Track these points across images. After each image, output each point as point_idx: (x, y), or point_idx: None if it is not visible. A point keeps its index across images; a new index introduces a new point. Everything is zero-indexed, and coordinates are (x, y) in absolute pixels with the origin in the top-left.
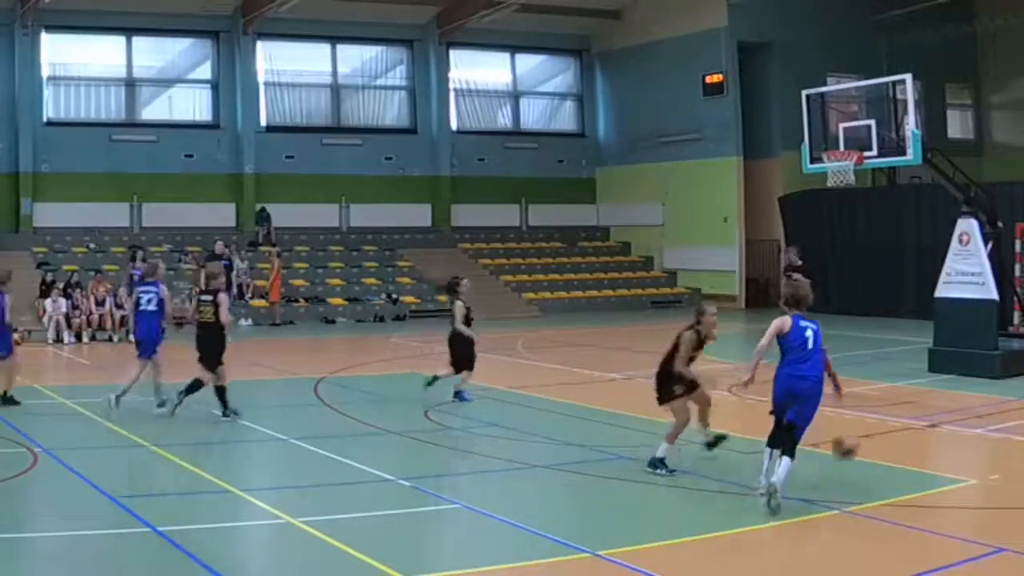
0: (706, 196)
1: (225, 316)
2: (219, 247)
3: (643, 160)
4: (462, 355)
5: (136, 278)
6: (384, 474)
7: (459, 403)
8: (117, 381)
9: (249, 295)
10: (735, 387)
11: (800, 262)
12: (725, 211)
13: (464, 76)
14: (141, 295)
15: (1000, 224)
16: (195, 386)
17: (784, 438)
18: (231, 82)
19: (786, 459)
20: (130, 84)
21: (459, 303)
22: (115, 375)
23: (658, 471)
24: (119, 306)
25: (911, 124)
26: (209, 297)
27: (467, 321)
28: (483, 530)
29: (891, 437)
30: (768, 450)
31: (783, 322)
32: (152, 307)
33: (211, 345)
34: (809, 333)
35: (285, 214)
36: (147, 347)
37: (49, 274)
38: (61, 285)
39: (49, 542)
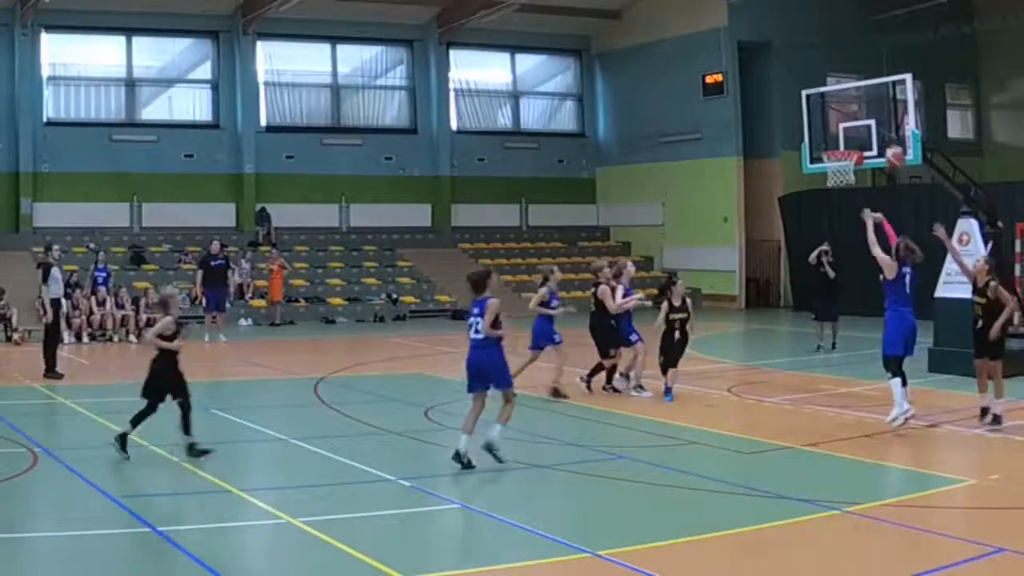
0: (706, 196)
1: (612, 305)
2: (215, 247)
3: (643, 160)
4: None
5: (101, 279)
6: (384, 474)
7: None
8: (116, 381)
9: (249, 295)
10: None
11: (832, 258)
12: (725, 211)
13: (464, 76)
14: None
15: (1000, 224)
16: (596, 369)
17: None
18: (231, 82)
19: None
20: (130, 84)
21: (665, 304)
22: (115, 375)
23: None
24: (120, 306)
25: (911, 124)
26: (594, 289)
27: (666, 319)
28: (483, 530)
29: (891, 437)
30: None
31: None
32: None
33: (599, 332)
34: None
35: (285, 214)
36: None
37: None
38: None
39: (49, 542)
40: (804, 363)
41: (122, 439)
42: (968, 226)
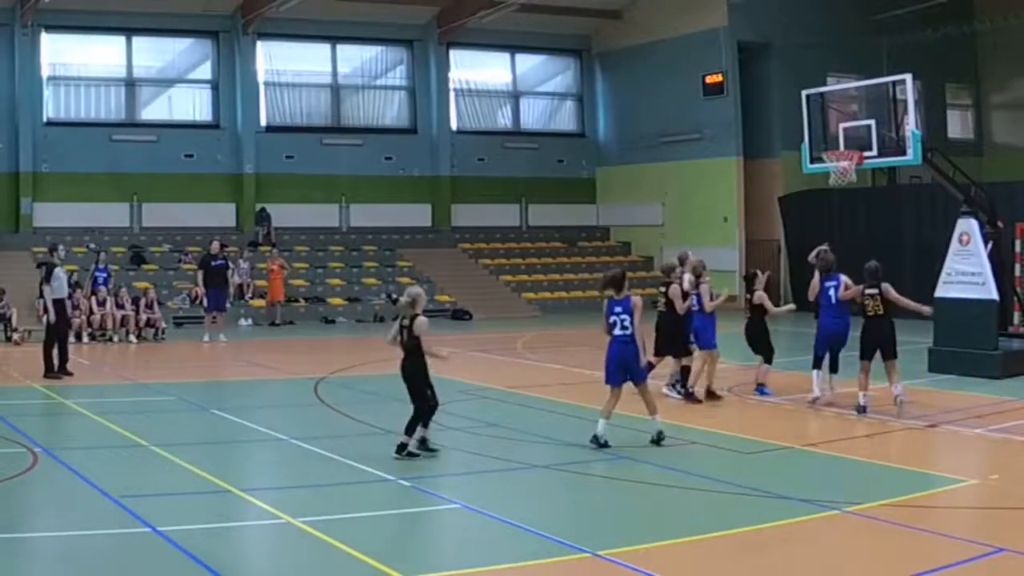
0: (706, 196)
1: (680, 306)
2: (215, 247)
3: (643, 160)
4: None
5: (102, 280)
6: (384, 474)
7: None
8: (115, 381)
9: (249, 295)
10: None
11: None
12: (725, 211)
13: (464, 76)
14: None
15: (1000, 224)
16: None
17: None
18: (231, 82)
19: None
20: (130, 84)
21: (757, 293)
22: (114, 375)
23: None
24: (120, 306)
25: (911, 124)
26: (664, 288)
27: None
28: (482, 530)
29: (891, 437)
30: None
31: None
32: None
33: (666, 333)
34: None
35: (285, 214)
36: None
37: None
38: None
39: (48, 542)
40: (804, 363)
41: (423, 443)
42: (968, 226)
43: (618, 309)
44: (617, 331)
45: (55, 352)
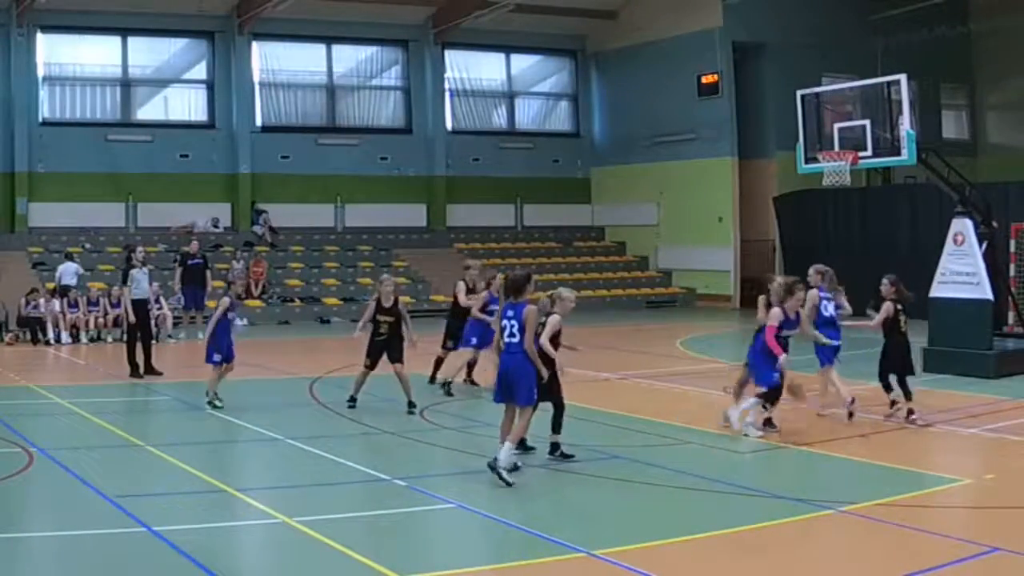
0: (701, 196)
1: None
2: (193, 246)
3: (638, 160)
4: None
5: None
6: (379, 474)
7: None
8: (110, 380)
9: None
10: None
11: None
12: (720, 211)
13: (459, 76)
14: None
15: (994, 224)
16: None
17: None
18: (226, 82)
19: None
20: (125, 84)
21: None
22: (111, 375)
23: None
24: (114, 305)
25: (906, 124)
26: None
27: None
28: (478, 530)
29: (886, 437)
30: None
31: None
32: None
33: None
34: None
35: (281, 214)
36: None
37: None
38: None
39: (44, 542)
40: (798, 363)
41: (555, 447)
42: (963, 226)
43: (510, 314)
44: (506, 337)
45: (139, 353)
